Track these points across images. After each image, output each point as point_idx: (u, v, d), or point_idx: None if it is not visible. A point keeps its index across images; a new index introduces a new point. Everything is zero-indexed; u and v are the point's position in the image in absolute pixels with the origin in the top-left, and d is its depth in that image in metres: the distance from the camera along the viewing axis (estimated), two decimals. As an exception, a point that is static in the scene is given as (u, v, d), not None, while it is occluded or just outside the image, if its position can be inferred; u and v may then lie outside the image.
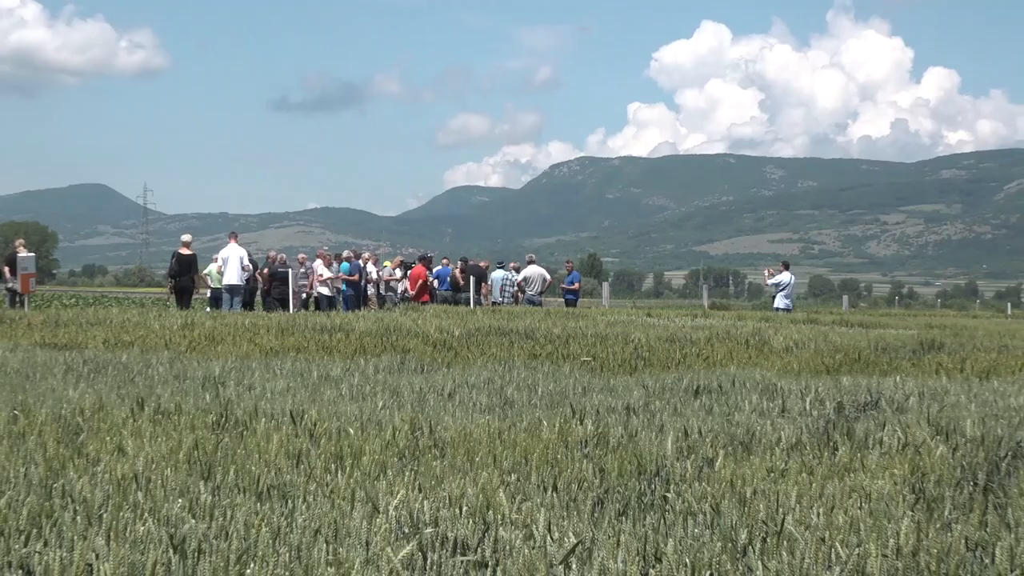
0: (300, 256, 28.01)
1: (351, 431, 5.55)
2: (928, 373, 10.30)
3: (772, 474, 4.73)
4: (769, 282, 29.02)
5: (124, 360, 9.52)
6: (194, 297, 24.72)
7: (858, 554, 3.30)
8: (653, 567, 3.19)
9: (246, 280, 24.07)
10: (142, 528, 3.50)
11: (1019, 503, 4.17)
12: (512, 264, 30.60)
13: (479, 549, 3.38)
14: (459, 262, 30.56)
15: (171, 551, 3.26)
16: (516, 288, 28.64)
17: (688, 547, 3.40)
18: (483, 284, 28.61)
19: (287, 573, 3.06)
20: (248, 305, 24.54)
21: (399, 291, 29.01)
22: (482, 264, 30.89)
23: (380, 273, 29.27)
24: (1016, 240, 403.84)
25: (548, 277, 30.12)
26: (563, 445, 5.29)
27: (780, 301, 28.09)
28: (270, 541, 3.40)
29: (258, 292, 25.93)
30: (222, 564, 3.13)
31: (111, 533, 3.47)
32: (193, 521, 3.62)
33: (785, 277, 28.38)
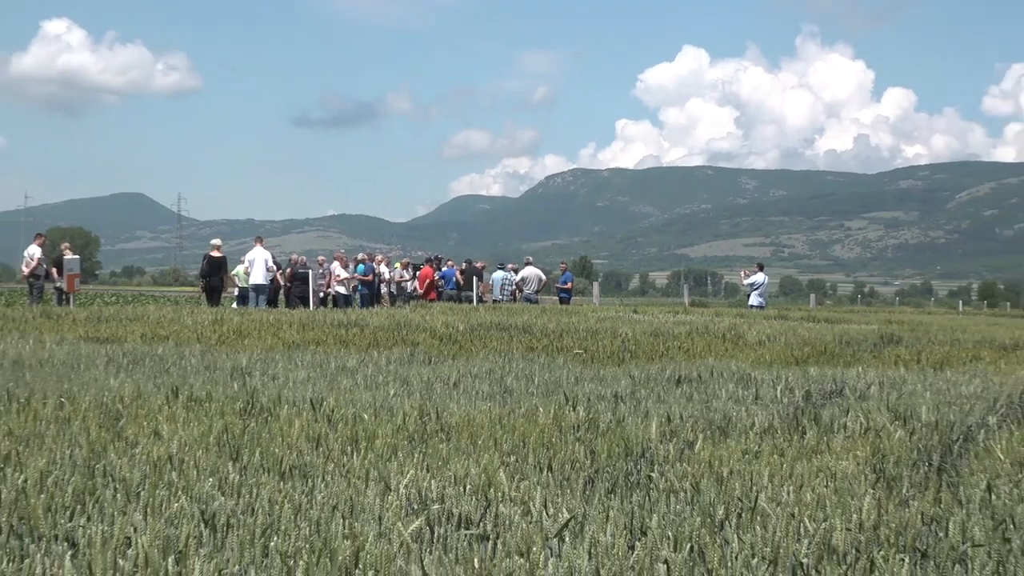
0: (319, 258, 28.03)
1: (365, 417, 5.55)
2: (887, 364, 10.31)
3: (747, 456, 4.73)
4: (745, 282, 29.04)
5: (160, 352, 9.52)
6: (223, 295, 24.73)
7: (824, 528, 3.30)
8: (639, 540, 3.19)
9: (270, 280, 24.09)
10: (176, 505, 3.50)
11: (970, 482, 4.17)
12: (511, 265, 30.66)
13: (481, 524, 3.39)
14: (464, 263, 30.64)
15: (202, 525, 3.26)
16: (514, 287, 28.70)
17: (671, 522, 3.40)
18: (480, 282, 28.82)
19: (307, 545, 3.06)
20: (272, 303, 24.55)
21: (408, 290, 29.07)
22: (478, 265, 31.07)
23: (391, 274, 29.30)
24: (967, 244, 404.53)
25: (543, 277, 30.18)
26: (557, 429, 5.29)
27: (755, 299, 28.14)
28: (292, 516, 3.40)
29: (281, 291, 25.94)
30: (248, 537, 3.13)
31: (148, 509, 3.47)
32: (222, 498, 3.62)
33: (759, 277, 28.42)
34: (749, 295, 28.53)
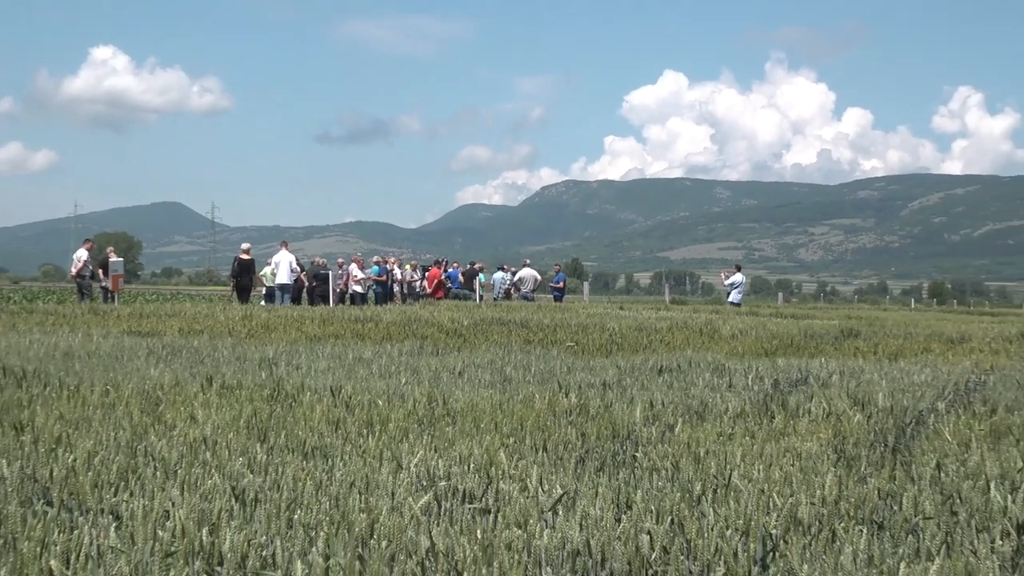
0: (339, 260, 28.06)
1: (379, 403, 5.55)
2: (847, 355, 10.31)
3: (721, 438, 4.73)
4: (725, 282, 29.05)
5: (195, 345, 9.52)
6: (252, 294, 24.71)
7: (791, 502, 3.30)
8: (625, 513, 3.19)
9: (294, 280, 24.07)
10: (210, 481, 3.49)
11: (921, 461, 4.17)
12: (511, 267, 30.74)
13: (484, 499, 3.38)
14: (468, 265, 30.71)
15: (233, 500, 3.26)
16: (511, 286, 28.78)
17: (653, 496, 3.40)
18: (475, 281, 29.32)
19: (327, 518, 3.06)
20: (296, 300, 24.53)
21: (418, 289, 29.07)
22: (477, 266, 31.38)
23: (403, 274, 29.30)
24: (918, 248, 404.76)
25: (538, 277, 30.26)
26: (552, 414, 5.29)
27: (734, 296, 28.15)
28: (313, 492, 3.40)
29: (304, 290, 25.92)
30: (275, 511, 3.13)
31: (184, 485, 3.46)
32: (251, 476, 3.62)
33: (738, 278, 28.42)
34: (729, 293, 28.55)
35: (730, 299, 28.12)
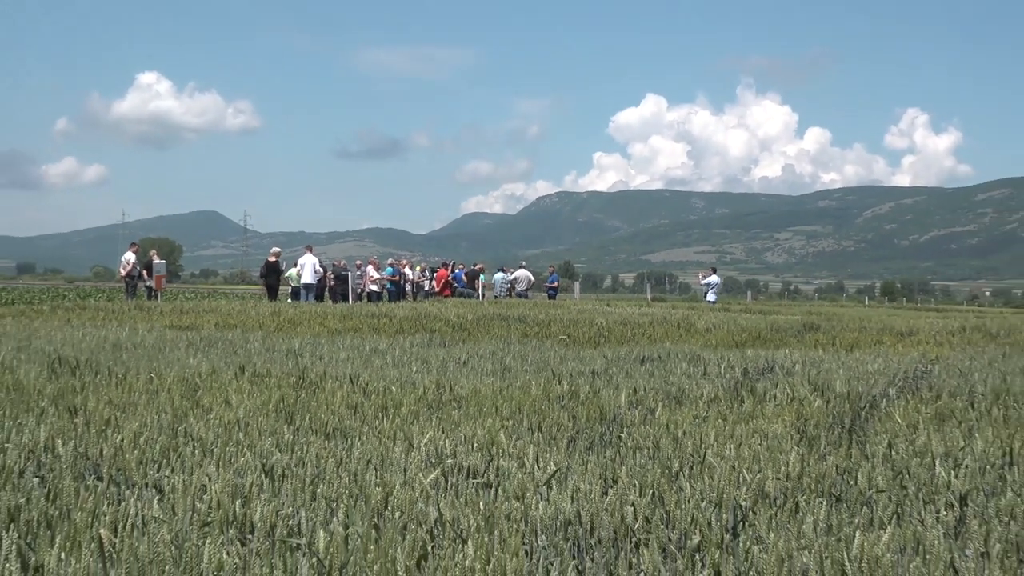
0: (357, 262, 27.99)
1: (393, 389, 5.54)
2: (809, 347, 10.31)
3: (697, 420, 4.73)
4: (702, 282, 29.00)
5: (230, 338, 9.51)
6: (279, 292, 24.69)
7: (759, 478, 3.30)
8: (611, 487, 3.19)
9: (317, 280, 24.04)
10: (242, 459, 3.49)
11: (874, 440, 4.17)
12: (509, 269, 30.76)
13: (486, 474, 3.38)
14: (471, 266, 30.76)
15: (263, 475, 3.25)
16: (509, 285, 28.83)
17: (636, 472, 3.39)
18: (477, 280, 29.47)
19: (347, 491, 3.05)
20: (319, 298, 24.50)
21: (427, 288, 29.08)
22: (478, 267, 31.53)
23: (414, 275, 29.30)
24: (871, 252, 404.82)
25: (532, 277, 30.36)
26: (546, 399, 5.29)
27: (711, 295, 28.08)
28: (334, 468, 3.39)
29: (326, 289, 25.90)
30: (300, 485, 3.12)
31: (220, 462, 3.46)
32: (279, 454, 3.62)
33: (714, 278, 28.37)
34: (706, 293, 28.48)
35: (707, 298, 28.06)
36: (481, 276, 30.73)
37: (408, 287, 28.27)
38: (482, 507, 2.85)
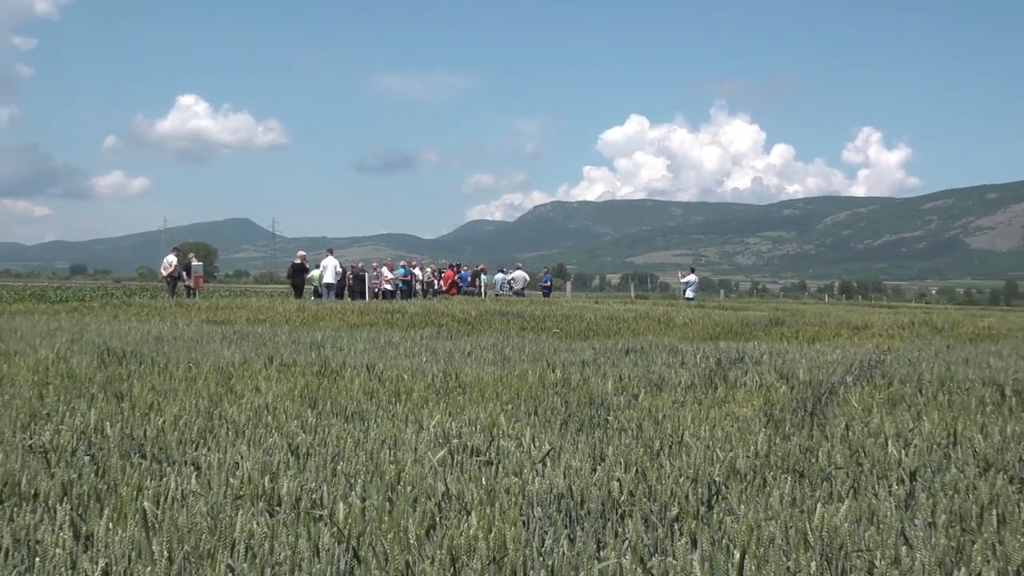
0: (373, 264, 27.98)
1: (405, 377, 5.54)
2: (775, 339, 10.31)
3: (675, 404, 4.72)
4: (682, 280, 28.97)
5: (259, 331, 9.50)
6: (304, 291, 24.67)
7: (731, 456, 3.29)
8: (600, 464, 3.18)
9: (338, 280, 24.02)
10: (271, 439, 3.48)
11: (833, 423, 4.17)
12: (509, 270, 30.78)
13: (487, 453, 3.38)
14: (475, 267, 30.75)
15: (289, 454, 3.25)
16: (509, 284, 28.85)
17: (622, 451, 3.39)
18: (479, 280, 29.56)
19: (364, 468, 3.05)
20: (339, 296, 24.49)
21: (435, 287, 29.07)
22: (479, 268, 31.61)
23: (423, 276, 29.29)
24: (830, 255, 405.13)
25: (527, 277, 30.41)
26: (541, 386, 5.28)
27: (689, 293, 28.06)
28: (353, 448, 3.39)
29: (346, 288, 25.89)
30: (322, 463, 3.12)
31: (251, 442, 3.45)
32: (303, 435, 3.61)
33: (692, 278, 28.35)
34: (685, 291, 28.45)
35: (686, 295, 28.04)
36: (483, 276, 30.72)
37: (418, 286, 28.26)
38: (484, 482, 2.85)
